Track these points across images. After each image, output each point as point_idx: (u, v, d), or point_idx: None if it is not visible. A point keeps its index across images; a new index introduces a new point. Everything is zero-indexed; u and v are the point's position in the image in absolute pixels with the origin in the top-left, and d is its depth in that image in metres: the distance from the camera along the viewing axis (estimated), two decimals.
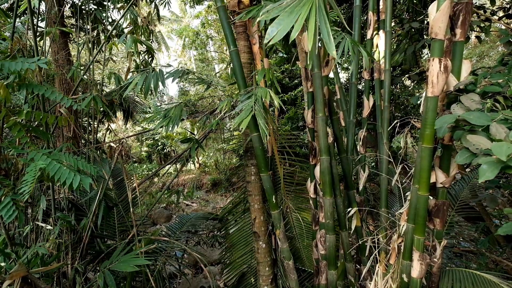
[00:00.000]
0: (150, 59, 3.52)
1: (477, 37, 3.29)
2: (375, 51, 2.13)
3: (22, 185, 1.21)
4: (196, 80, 2.09)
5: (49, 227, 1.97)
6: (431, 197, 1.47)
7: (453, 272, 1.70)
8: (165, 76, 1.94)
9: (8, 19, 2.54)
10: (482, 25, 2.89)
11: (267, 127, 1.57)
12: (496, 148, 0.87)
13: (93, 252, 2.47)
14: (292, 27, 0.89)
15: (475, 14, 2.95)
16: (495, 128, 0.92)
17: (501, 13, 3.15)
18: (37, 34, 2.37)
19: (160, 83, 1.89)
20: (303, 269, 2.79)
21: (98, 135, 3.14)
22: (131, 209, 2.04)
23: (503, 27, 2.85)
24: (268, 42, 0.87)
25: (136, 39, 2.23)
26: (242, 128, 1.58)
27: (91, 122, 3.00)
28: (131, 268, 1.68)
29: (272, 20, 0.87)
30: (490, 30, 2.90)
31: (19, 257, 1.72)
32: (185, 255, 4.17)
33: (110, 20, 3.71)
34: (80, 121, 3.39)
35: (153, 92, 1.85)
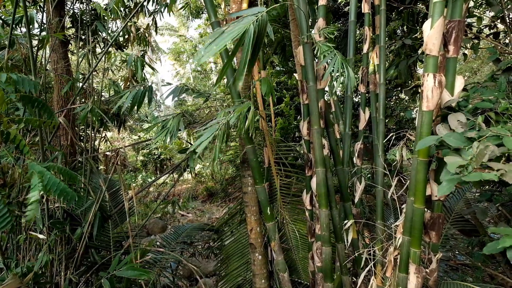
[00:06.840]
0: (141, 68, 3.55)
1: (464, 54, 3.39)
2: (371, 64, 2.18)
3: (28, 202, 1.20)
4: (194, 94, 2.10)
5: (42, 236, 1.94)
6: (427, 210, 1.49)
7: (449, 285, 1.71)
8: (165, 95, 1.95)
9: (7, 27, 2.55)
10: (471, 43, 2.98)
11: (221, 152, 1.59)
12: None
13: (87, 263, 2.43)
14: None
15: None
16: (476, 148, 0.96)
17: (487, 31, 3.26)
18: (37, 43, 2.39)
19: (154, 98, 1.89)
20: (299, 282, 2.76)
21: (95, 142, 3.12)
22: (127, 219, 2.02)
23: (492, 45, 2.95)
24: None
25: (143, 61, 2.27)
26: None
27: (88, 132, 3.00)
28: (137, 275, 1.71)
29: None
30: (479, 47, 2.99)
31: (10, 270, 1.68)
32: (179, 266, 4.11)
33: (109, 31, 3.75)
34: (77, 129, 3.38)
35: (146, 104, 1.87)
